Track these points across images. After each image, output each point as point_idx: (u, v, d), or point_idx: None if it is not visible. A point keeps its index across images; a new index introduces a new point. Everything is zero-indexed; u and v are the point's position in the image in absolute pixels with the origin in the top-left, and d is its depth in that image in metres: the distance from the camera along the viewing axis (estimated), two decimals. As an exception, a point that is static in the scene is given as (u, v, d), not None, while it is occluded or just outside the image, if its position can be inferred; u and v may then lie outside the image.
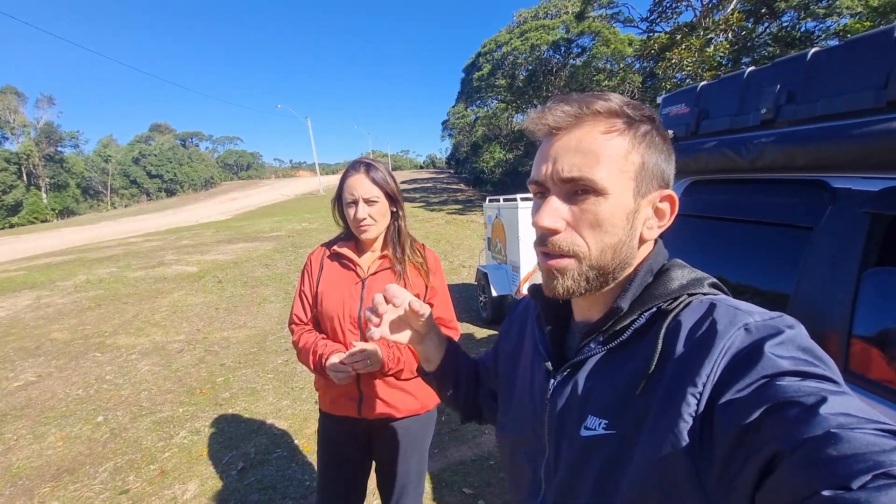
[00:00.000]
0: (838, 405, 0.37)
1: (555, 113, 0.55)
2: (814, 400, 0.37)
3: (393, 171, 1.53)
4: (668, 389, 0.48)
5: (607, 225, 0.54)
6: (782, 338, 0.45)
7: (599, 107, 0.54)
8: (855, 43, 1.26)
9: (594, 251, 0.55)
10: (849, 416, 0.36)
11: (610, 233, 0.55)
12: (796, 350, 0.44)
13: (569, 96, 0.57)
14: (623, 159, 0.54)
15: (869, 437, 0.33)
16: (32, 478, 2.78)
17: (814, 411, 0.36)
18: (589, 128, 0.54)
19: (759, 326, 0.47)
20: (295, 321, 1.53)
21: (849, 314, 1.05)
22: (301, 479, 2.63)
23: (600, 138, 0.54)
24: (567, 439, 0.58)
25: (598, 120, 0.54)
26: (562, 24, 21.55)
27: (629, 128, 0.55)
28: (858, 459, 0.31)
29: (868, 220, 1.08)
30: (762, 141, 1.38)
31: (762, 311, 0.49)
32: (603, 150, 0.53)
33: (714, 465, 0.42)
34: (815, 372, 0.42)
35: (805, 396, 0.38)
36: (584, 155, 0.53)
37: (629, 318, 0.55)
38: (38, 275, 9.53)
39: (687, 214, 1.75)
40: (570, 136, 0.54)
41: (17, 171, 45.75)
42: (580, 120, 0.54)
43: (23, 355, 4.91)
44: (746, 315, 0.48)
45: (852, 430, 0.34)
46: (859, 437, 0.33)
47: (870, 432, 0.34)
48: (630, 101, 0.56)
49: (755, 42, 11.55)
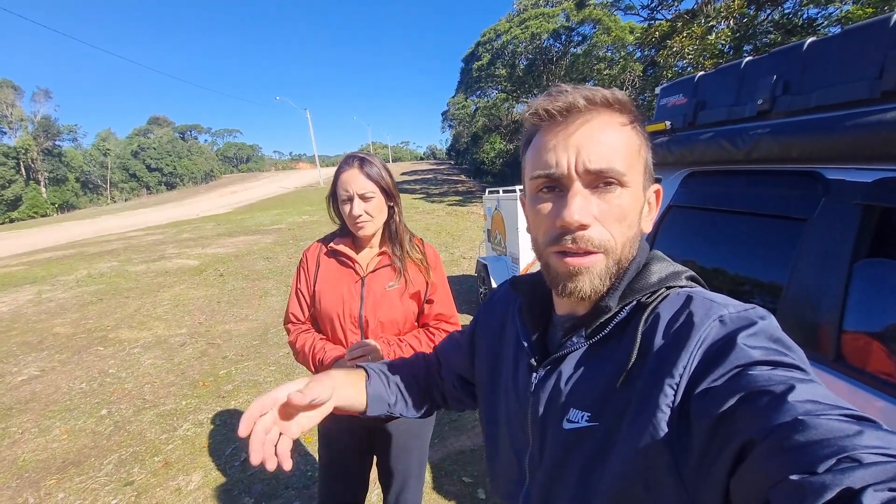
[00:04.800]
0: (806, 393, 0.38)
1: (573, 97, 0.52)
2: (783, 388, 0.39)
3: (393, 163, 1.51)
4: (647, 381, 0.49)
5: (630, 218, 0.54)
6: (755, 329, 0.46)
7: (612, 97, 0.53)
8: (851, 32, 1.25)
9: (619, 245, 0.54)
10: (816, 403, 0.37)
11: (631, 226, 0.55)
12: (767, 340, 0.46)
13: (570, 85, 0.55)
14: (637, 153, 0.55)
15: (834, 423, 0.34)
16: (38, 470, 2.82)
17: (783, 399, 0.38)
18: (608, 118, 0.53)
19: (734, 318, 0.48)
20: (291, 320, 1.50)
21: (840, 306, 1.06)
22: (303, 470, 2.66)
23: (620, 130, 0.53)
24: (551, 432, 0.59)
25: (613, 111, 0.54)
26: (562, 11, 21.25)
27: (637, 122, 0.55)
28: (824, 444, 0.33)
29: (860, 212, 1.08)
30: (757, 132, 1.38)
31: (736, 304, 0.51)
32: (624, 143, 0.53)
33: (691, 455, 0.43)
34: (785, 361, 0.43)
35: (775, 385, 0.39)
36: (610, 146, 0.52)
37: (611, 311, 0.56)
38: (39, 270, 9.56)
39: (683, 206, 1.76)
40: (591, 125, 0.52)
41: (16, 165, 45.69)
42: (598, 109, 0.53)
43: (26, 350, 4.95)
44: (721, 307, 0.50)
45: (818, 417, 0.35)
46: (825, 423, 0.34)
47: (835, 418, 0.35)
48: (629, 96, 0.57)
49: (757, 29, 11.42)
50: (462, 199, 19.71)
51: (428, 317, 1.49)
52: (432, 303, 1.49)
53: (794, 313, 1.17)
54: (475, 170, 31.07)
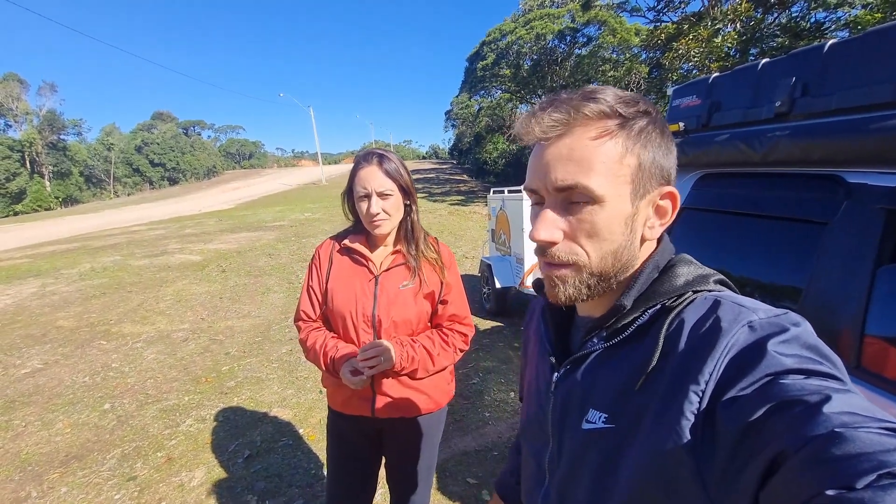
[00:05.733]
0: (843, 404, 0.36)
1: (544, 120, 0.52)
2: (818, 398, 0.37)
3: None
4: (670, 386, 0.47)
5: (605, 233, 0.53)
6: (787, 335, 0.44)
7: (589, 111, 0.52)
8: (873, 35, 1.24)
9: (594, 259, 0.54)
10: (853, 415, 0.35)
11: (608, 240, 0.53)
12: (801, 348, 0.44)
13: (558, 98, 0.54)
14: (618, 164, 0.52)
15: (873, 437, 0.33)
16: (41, 464, 2.82)
17: (818, 410, 0.36)
18: (580, 133, 0.52)
19: (764, 324, 0.46)
20: (302, 317, 1.47)
21: (862, 311, 1.04)
22: (307, 468, 2.66)
23: (591, 145, 0.52)
24: (569, 432, 0.59)
25: (588, 124, 0.52)
26: (567, 12, 21.20)
27: (622, 128, 0.52)
28: (863, 459, 0.31)
29: (884, 216, 1.06)
30: (776, 134, 1.36)
31: (767, 308, 0.48)
32: (596, 157, 0.51)
33: (716, 464, 0.41)
34: (820, 370, 0.41)
35: (809, 395, 0.38)
36: (577, 163, 0.51)
37: (632, 314, 0.54)
38: (42, 263, 9.57)
39: (696, 208, 1.74)
40: (561, 144, 0.52)
41: (21, 158, 45.72)
42: (570, 126, 0.52)
43: (29, 343, 4.95)
44: (751, 312, 0.47)
45: (856, 429, 0.33)
46: (864, 436, 0.33)
47: (874, 431, 0.33)
48: (624, 97, 0.54)
49: (763, 33, 11.37)
50: (464, 198, 19.69)
51: (442, 317, 1.48)
52: (446, 303, 1.47)
53: (814, 318, 1.15)
54: (478, 170, 31.03)
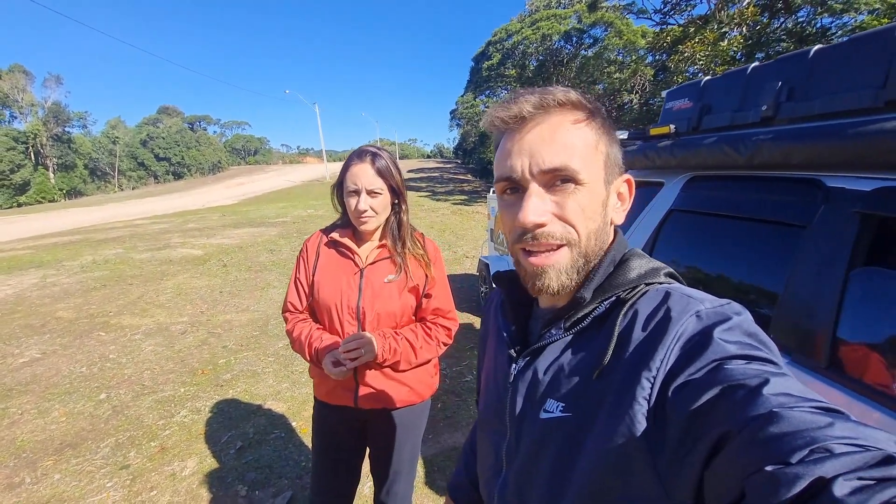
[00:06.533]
0: (780, 386, 0.39)
1: (521, 105, 0.55)
2: (758, 382, 0.40)
3: (400, 160, 1.48)
4: (625, 374, 0.49)
5: (589, 212, 0.56)
6: (730, 324, 0.47)
7: (564, 98, 0.55)
8: (857, 41, 1.25)
9: (583, 237, 0.56)
10: (789, 396, 0.38)
11: (592, 219, 0.56)
12: (742, 335, 0.46)
13: (527, 89, 0.57)
14: (594, 149, 0.56)
15: (806, 415, 0.35)
16: (36, 451, 2.85)
17: (758, 392, 0.39)
18: (559, 118, 0.55)
19: (710, 313, 0.49)
20: (289, 309, 1.51)
21: (835, 313, 1.06)
22: (297, 460, 2.68)
23: (572, 129, 0.55)
24: (527, 422, 0.60)
25: (565, 111, 0.55)
26: (574, 13, 21.18)
27: (592, 119, 0.56)
28: (797, 436, 0.33)
29: (859, 220, 1.08)
30: (760, 138, 1.37)
31: (713, 299, 0.52)
32: (577, 141, 0.54)
33: (667, 446, 0.44)
34: (759, 355, 0.44)
35: (750, 378, 0.40)
36: (562, 145, 0.54)
37: (590, 306, 0.57)
38: (44, 254, 9.64)
39: (684, 210, 1.75)
40: (541, 128, 0.55)
41: (25, 150, 45.92)
42: (548, 111, 0.55)
43: (29, 333, 4.99)
44: (698, 303, 0.50)
45: (791, 409, 0.36)
46: (798, 415, 0.35)
47: (807, 410, 0.36)
48: (584, 94, 0.58)
49: (769, 37, 11.34)
50: (467, 198, 19.68)
51: (426, 311, 1.50)
52: (430, 297, 1.49)
53: (789, 319, 1.17)
54: (482, 169, 31.04)
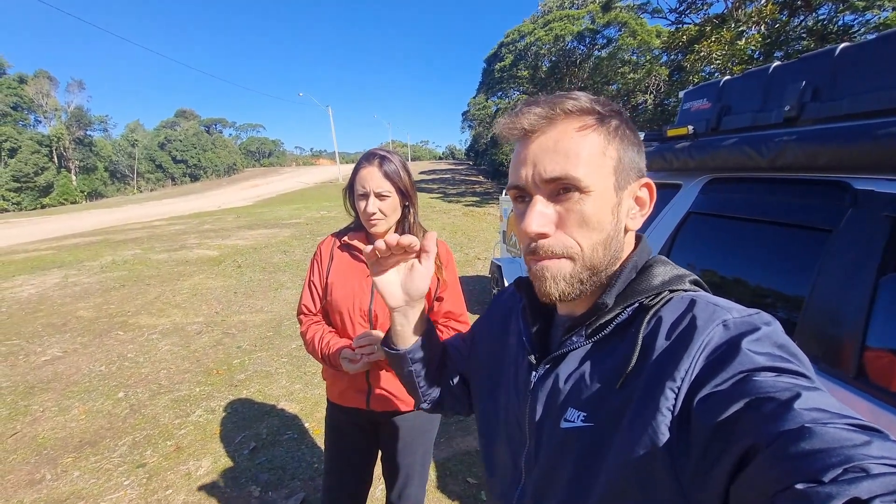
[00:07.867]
0: (812, 401, 0.37)
1: (527, 116, 0.55)
2: (789, 395, 0.38)
3: (412, 162, 1.49)
4: (648, 384, 0.48)
5: (594, 222, 0.54)
6: (759, 334, 0.45)
7: (570, 106, 0.55)
8: (886, 39, 1.21)
9: (586, 250, 0.55)
10: (822, 412, 0.36)
11: (598, 229, 0.55)
12: (772, 346, 0.45)
13: (537, 98, 0.57)
14: (601, 155, 0.54)
15: (841, 432, 0.34)
16: (56, 448, 2.91)
17: (788, 406, 0.37)
18: (563, 127, 0.55)
19: (737, 323, 0.47)
20: (303, 311, 1.52)
21: (864, 321, 1.02)
22: (310, 461, 2.69)
23: (576, 136, 0.54)
24: (547, 431, 0.59)
25: (570, 119, 0.55)
26: (587, 14, 21.01)
27: (601, 124, 0.55)
28: (830, 454, 0.32)
29: (889, 224, 1.04)
30: (784, 139, 1.33)
31: (740, 308, 0.50)
32: (581, 148, 0.54)
33: (690, 459, 0.42)
34: (790, 368, 0.42)
35: (780, 392, 0.39)
36: (564, 154, 0.53)
37: (612, 313, 0.55)
38: (66, 255, 9.87)
39: (703, 213, 1.72)
40: (546, 137, 0.55)
41: (49, 153, 47.16)
42: (553, 120, 0.55)
43: (50, 331, 5.11)
44: (725, 311, 0.49)
45: (825, 425, 0.34)
46: (832, 431, 0.34)
47: (841, 427, 0.34)
48: (597, 98, 0.57)
49: (789, 36, 11.11)
50: (479, 200, 19.67)
51: (437, 314, 1.49)
52: (442, 300, 1.48)
53: (815, 326, 1.13)
54: (494, 171, 30.98)
